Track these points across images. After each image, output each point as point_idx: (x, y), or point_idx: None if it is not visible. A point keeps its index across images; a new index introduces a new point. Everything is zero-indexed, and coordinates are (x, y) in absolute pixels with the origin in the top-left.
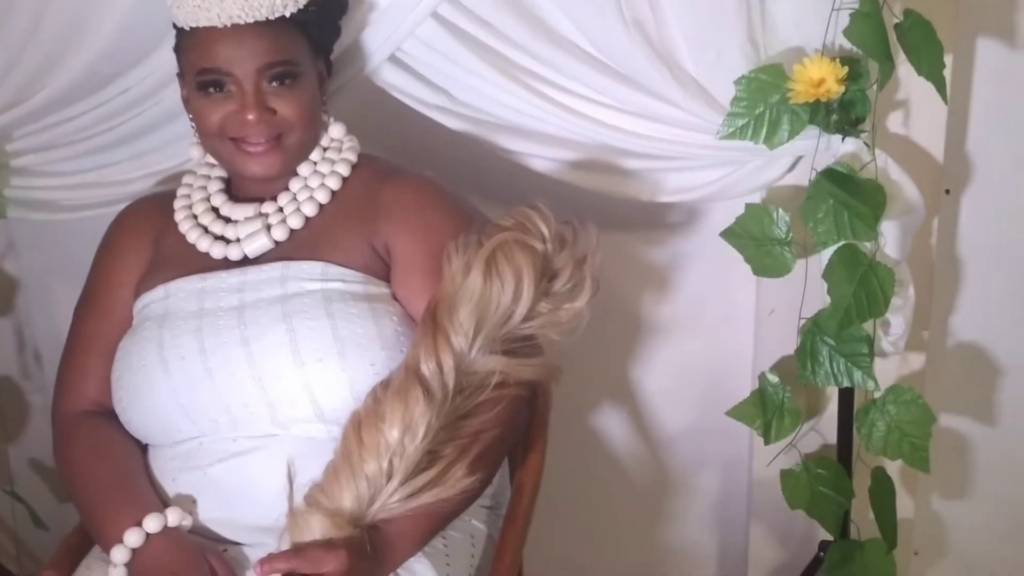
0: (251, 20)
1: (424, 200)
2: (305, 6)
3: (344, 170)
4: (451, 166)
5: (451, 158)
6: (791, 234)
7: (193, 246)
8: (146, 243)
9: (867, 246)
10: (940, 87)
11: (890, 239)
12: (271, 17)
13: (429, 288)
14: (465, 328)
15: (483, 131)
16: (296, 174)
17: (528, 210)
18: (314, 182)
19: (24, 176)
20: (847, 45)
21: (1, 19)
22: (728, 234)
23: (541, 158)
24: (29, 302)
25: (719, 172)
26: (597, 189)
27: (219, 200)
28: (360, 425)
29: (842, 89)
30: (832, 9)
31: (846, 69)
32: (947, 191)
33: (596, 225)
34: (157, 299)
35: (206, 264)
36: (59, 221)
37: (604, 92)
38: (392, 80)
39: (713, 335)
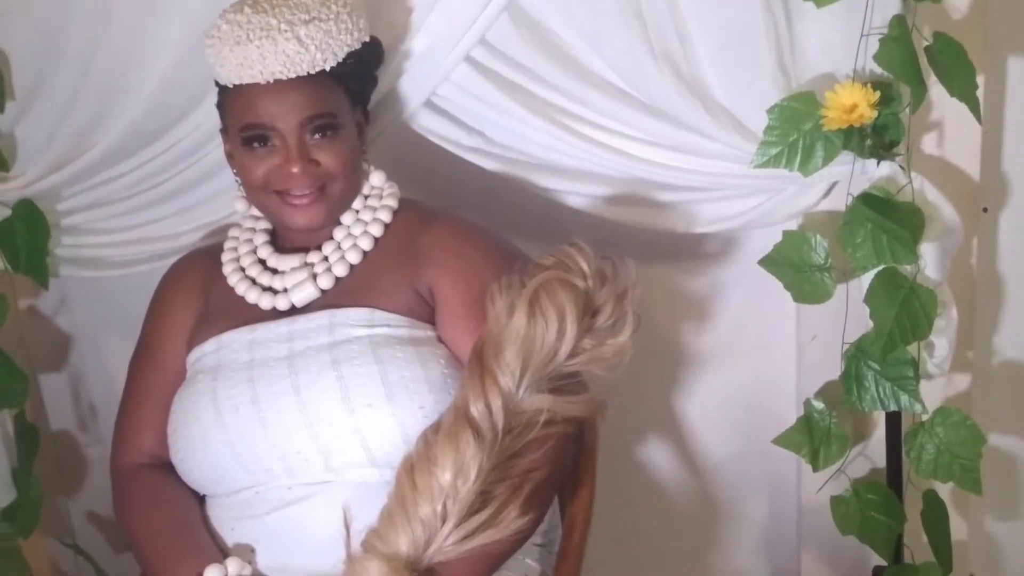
0: (293, 76)
1: (463, 241)
2: (344, 59)
3: (386, 216)
4: (489, 206)
5: (489, 198)
6: (830, 260)
7: (242, 298)
8: (196, 296)
9: (907, 269)
10: (974, 108)
11: (930, 261)
12: (312, 72)
13: (473, 329)
14: (512, 368)
15: (519, 170)
16: (339, 223)
17: (568, 248)
18: (357, 230)
19: (74, 235)
20: (878, 69)
21: (46, 81)
22: (767, 262)
23: (577, 194)
24: (83, 356)
25: (755, 200)
26: (634, 223)
27: (265, 252)
28: (413, 469)
29: (875, 114)
30: (861, 35)
31: (878, 94)
32: (984, 209)
33: (634, 258)
34: (209, 351)
35: (255, 315)
36: (109, 277)
37: (637, 126)
38: (428, 124)
39: (755, 362)
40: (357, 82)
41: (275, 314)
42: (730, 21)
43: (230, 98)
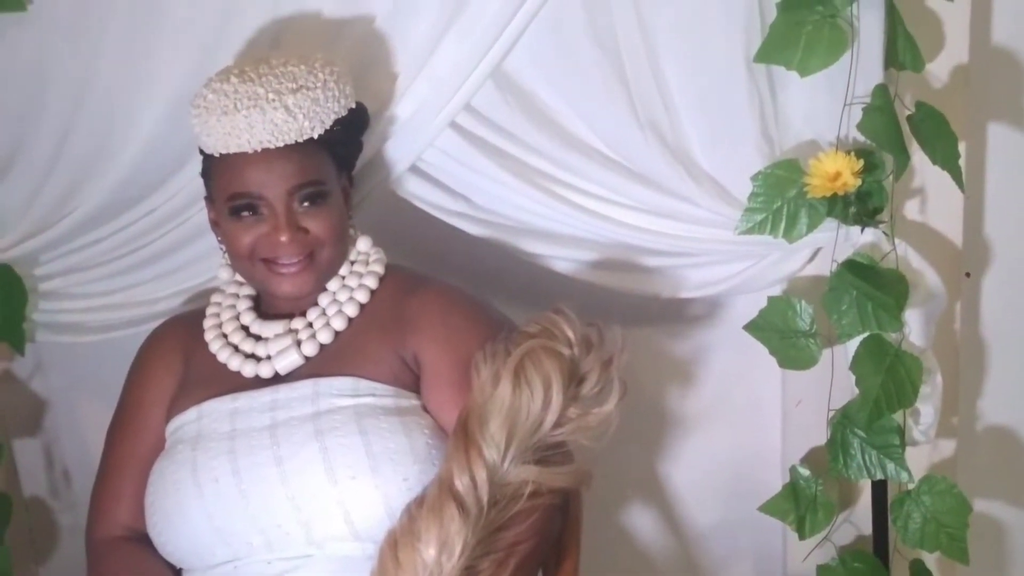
0: (281, 144)
1: (450, 308)
2: (331, 126)
3: (372, 283)
4: (474, 270)
5: (473, 262)
6: (815, 325)
7: (224, 365)
8: (177, 363)
9: (892, 335)
10: (956, 176)
11: (914, 327)
12: (300, 140)
13: (459, 398)
14: (497, 440)
15: (504, 235)
16: (325, 289)
17: (553, 315)
18: (342, 296)
19: (51, 299)
20: (861, 137)
21: (24, 148)
22: (752, 327)
23: (562, 259)
24: (57, 421)
25: (739, 266)
26: (619, 287)
27: (248, 318)
28: (396, 544)
29: (859, 182)
30: (845, 103)
31: (861, 162)
32: (967, 274)
33: (619, 322)
34: (189, 421)
35: (237, 383)
36: (84, 343)
37: (621, 192)
38: (413, 189)
39: (740, 427)
40: (343, 148)
41: (258, 382)
42: (714, 89)
43: (216, 167)
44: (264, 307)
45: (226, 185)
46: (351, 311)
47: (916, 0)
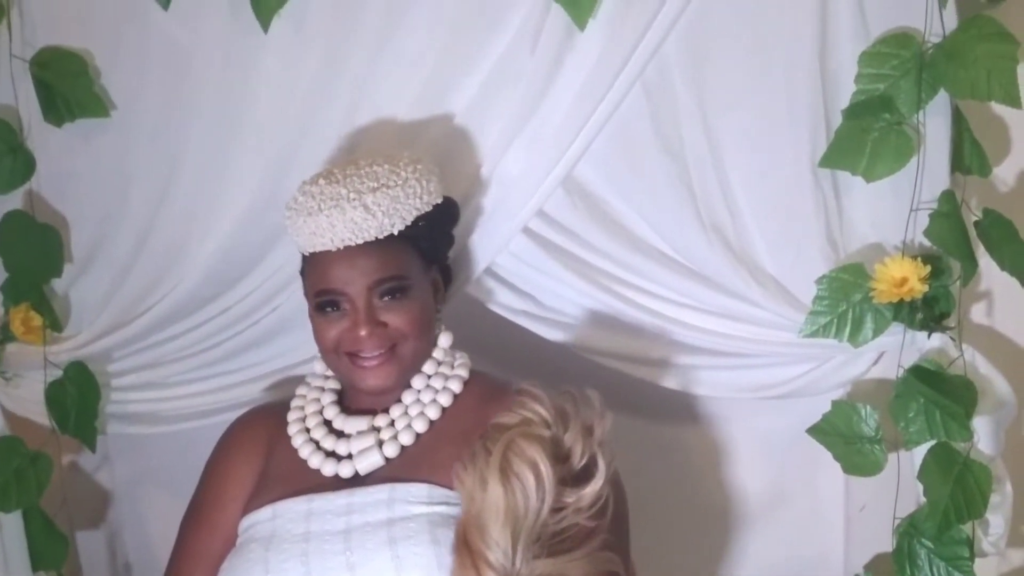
0: (361, 241)
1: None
2: (414, 221)
3: (456, 387)
4: (531, 367)
5: (532, 359)
6: (880, 431)
7: (304, 462)
8: (258, 456)
9: (961, 444)
10: None
11: (983, 435)
12: (380, 237)
13: None
14: (502, 544)
15: (566, 334)
16: (409, 386)
17: (523, 398)
18: (426, 397)
19: (123, 392)
20: (927, 241)
21: (104, 245)
22: (816, 431)
23: (624, 359)
24: (120, 513)
25: (803, 368)
26: (682, 388)
27: (332, 412)
28: None
29: (925, 288)
30: (911, 209)
31: (929, 268)
32: None
33: (678, 421)
34: (264, 519)
35: (315, 482)
36: (153, 434)
37: (686, 294)
38: (479, 287)
39: (802, 531)
40: (428, 242)
41: (335, 482)
42: (779, 193)
43: (307, 266)
44: (348, 402)
45: (314, 283)
46: (433, 414)
47: (982, 105)
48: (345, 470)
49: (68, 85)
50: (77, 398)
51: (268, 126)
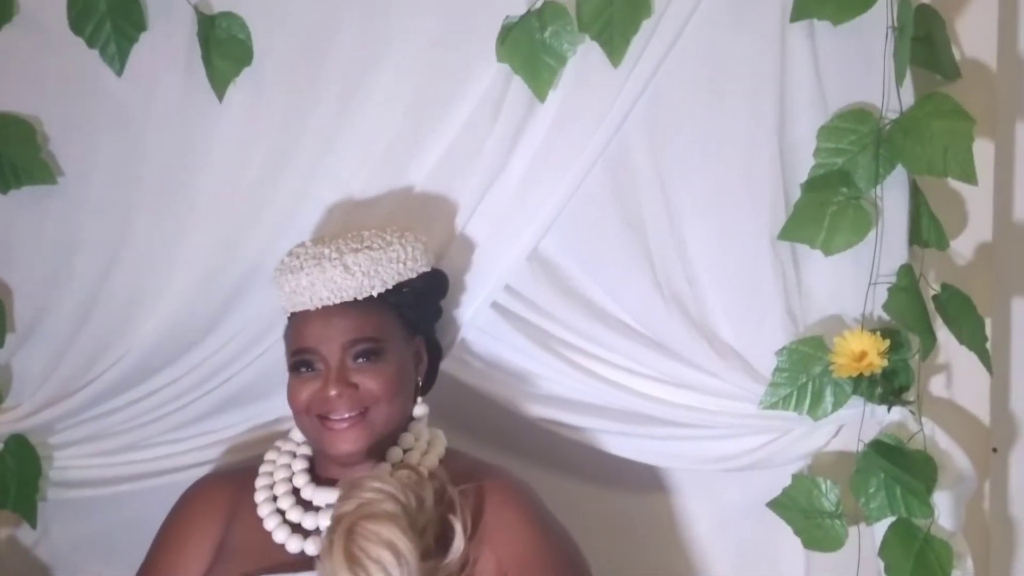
0: (339, 301)
1: (508, 508)
2: (397, 287)
3: (432, 463)
4: (487, 433)
5: (487, 425)
6: (841, 506)
7: (269, 534)
8: (217, 527)
9: (922, 519)
10: (984, 358)
11: (944, 509)
12: (359, 297)
13: None
14: None
15: (526, 402)
16: (384, 459)
17: (360, 479)
18: None
19: (64, 460)
20: (886, 315)
21: (48, 315)
22: (776, 505)
23: (583, 428)
24: None
25: (762, 439)
26: (638, 458)
27: (302, 480)
28: None
29: (885, 363)
30: (870, 283)
31: (888, 342)
32: (994, 449)
33: (637, 490)
34: None
35: (279, 559)
36: (94, 497)
37: (646, 364)
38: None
39: None
40: (413, 311)
41: (300, 560)
42: (738, 265)
43: (289, 326)
44: (319, 470)
45: (292, 342)
46: None
47: (939, 180)
48: (311, 547)
49: (15, 151)
50: (17, 472)
51: (221, 195)
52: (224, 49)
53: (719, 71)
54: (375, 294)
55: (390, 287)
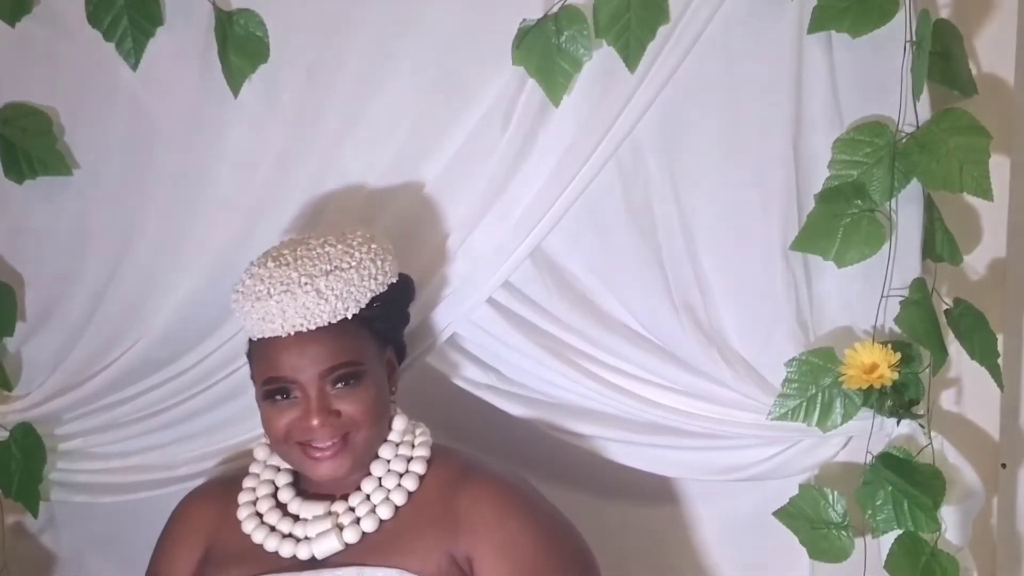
0: (313, 327)
1: (506, 510)
2: (368, 304)
3: (420, 468)
4: (496, 442)
5: (495, 435)
6: (848, 517)
7: (260, 544)
8: (202, 538)
9: (928, 533)
10: (995, 374)
11: (951, 524)
12: (333, 322)
13: None
14: None
15: (530, 409)
16: (369, 473)
17: None
18: (390, 482)
19: (69, 459)
20: (897, 328)
21: (59, 305)
22: (782, 515)
23: (589, 436)
24: None
25: (770, 450)
26: (645, 468)
27: (287, 495)
28: None
29: (895, 375)
30: (882, 295)
31: (898, 356)
32: (1003, 465)
33: (643, 500)
34: None
35: (274, 564)
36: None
37: (653, 371)
38: (441, 360)
39: None
40: (384, 323)
41: (294, 563)
42: (750, 275)
43: (255, 350)
44: (304, 484)
45: (262, 369)
46: (399, 499)
47: (954, 196)
48: (303, 552)
49: (31, 142)
50: (22, 462)
51: (233, 191)
52: (241, 46)
53: (735, 79)
54: (349, 316)
55: (363, 305)
